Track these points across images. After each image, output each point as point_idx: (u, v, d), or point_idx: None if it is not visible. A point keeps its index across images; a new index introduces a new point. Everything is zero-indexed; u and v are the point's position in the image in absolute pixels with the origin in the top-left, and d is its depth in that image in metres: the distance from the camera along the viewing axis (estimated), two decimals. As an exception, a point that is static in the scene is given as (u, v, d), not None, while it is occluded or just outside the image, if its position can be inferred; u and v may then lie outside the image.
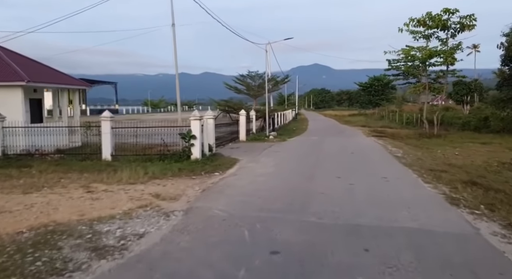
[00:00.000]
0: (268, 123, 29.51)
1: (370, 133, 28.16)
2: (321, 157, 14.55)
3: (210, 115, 14.77)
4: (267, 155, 15.15)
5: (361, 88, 75.19)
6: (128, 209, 7.17)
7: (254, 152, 16.31)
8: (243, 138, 21.72)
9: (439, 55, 25.67)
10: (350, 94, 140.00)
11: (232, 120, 20.78)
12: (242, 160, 13.97)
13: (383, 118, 53.06)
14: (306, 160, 13.61)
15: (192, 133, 12.94)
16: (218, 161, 13.39)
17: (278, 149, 17.33)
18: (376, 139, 22.34)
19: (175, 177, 10.66)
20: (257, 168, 11.96)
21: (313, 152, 16.04)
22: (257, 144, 20.11)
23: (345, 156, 14.88)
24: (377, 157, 14.54)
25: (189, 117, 13.04)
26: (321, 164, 12.74)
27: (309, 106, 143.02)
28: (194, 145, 12.98)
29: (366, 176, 10.36)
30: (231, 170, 11.92)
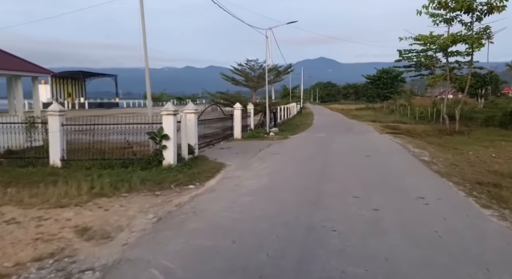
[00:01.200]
0: (269, 118, 26.60)
1: (383, 129, 25.12)
2: (329, 162, 11.62)
3: (191, 109, 11.89)
4: (263, 159, 12.25)
5: (369, 81, 72.15)
6: (14, 265, 4.34)
7: (248, 153, 13.43)
8: (238, 135, 18.84)
9: (464, 40, 22.48)
10: (357, 88, 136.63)
11: (225, 115, 17.92)
12: (230, 165, 11.11)
13: (393, 112, 49.90)
14: (310, 167, 10.70)
15: (163, 131, 10.08)
16: (198, 167, 10.54)
17: (277, 150, 14.42)
18: (392, 137, 19.34)
19: (132, 193, 7.82)
20: (246, 179, 9.07)
21: (319, 155, 13.12)
22: (254, 142, 17.21)
23: (359, 160, 11.94)
24: (401, 163, 11.58)
25: (160, 112, 10.18)
26: (329, 174, 9.82)
27: (314, 100, 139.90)
28: (167, 147, 10.13)
29: (394, 195, 7.44)
30: (211, 181, 9.07)
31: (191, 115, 11.92)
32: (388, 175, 9.51)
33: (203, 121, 14.85)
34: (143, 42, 10.83)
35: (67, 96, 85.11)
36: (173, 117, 10.12)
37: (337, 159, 12.04)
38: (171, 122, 10.11)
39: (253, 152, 13.83)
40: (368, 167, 10.63)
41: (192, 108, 11.89)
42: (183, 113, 11.15)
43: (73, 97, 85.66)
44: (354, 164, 11.20)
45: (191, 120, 11.93)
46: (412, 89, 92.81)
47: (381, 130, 24.23)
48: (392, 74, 67.19)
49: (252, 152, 13.84)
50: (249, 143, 16.82)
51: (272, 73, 27.30)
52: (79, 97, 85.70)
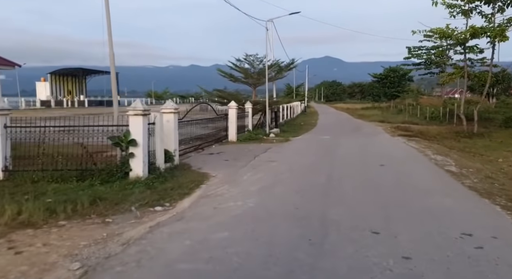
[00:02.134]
0: (270, 117, 24.57)
1: (394, 131, 23.00)
2: (336, 173, 9.57)
3: (170, 108, 9.88)
4: (256, 168, 10.23)
5: (376, 79, 70.12)
6: None
7: (240, 160, 11.41)
8: (233, 137, 16.82)
9: (485, 33, 20.28)
10: (362, 87, 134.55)
11: (218, 115, 15.93)
12: (215, 177, 9.12)
13: (401, 112, 47.67)
14: (312, 181, 8.66)
15: (130, 136, 8.09)
16: (175, 180, 8.55)
17: (275, 157, 12.39)
18: (405, 140, 17.23)
19: (74, 220, 5.86)
20: (229, 199, 7.06)
21: (324, 163, 11.08)
22: (250, 146, 15.18)
23: (372, 171, 9.88)
24: (424, 175, 9.49)
25: (127, 112, 8.17)
26: (336, 191, 7.77)
27: (319, 99, 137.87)
28: (135, 155, 8.13)
29: (428, 229, 5.37)
30: (185, 201, 7.08)
31: (169, 116, 9.91)
32: (413, 194, 7.44)
33: (190, 122, 12.86)
34: (108, 35, 8.82)
35: (67, 93, 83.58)
36: (142, 118, 8.12)
37: (345, 170, 9.98)
38: (140, 124, 8.11)
39: (247, 158, 11.82)
40: (384, 181, 8.56)
41: (170, 107, 9.88)
42: (158, 114, 9.14)
43: (73, 95, 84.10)
44: (367, 177, 9.13)
45: (169, 121, 9.93)
46: (418, 88, 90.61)
47: (392, 132, 22.12)
48: (400, 73, 65.21)
49: (245, 158, 11.82)
50: (244, 147, 14.79)
51: (273, 69, 25.27)
52: (79, 95, 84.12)
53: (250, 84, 24.95)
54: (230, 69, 24.72)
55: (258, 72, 24.37)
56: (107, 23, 8.73)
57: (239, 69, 24.46)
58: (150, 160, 8.85)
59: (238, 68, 24.30)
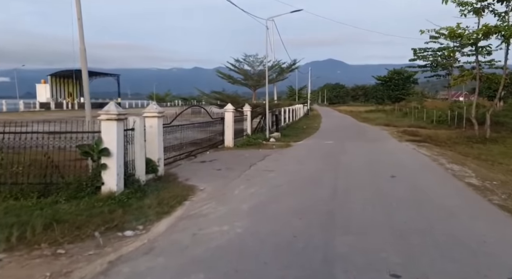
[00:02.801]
0: (270, 121, 23.41)
1: (401, 135, 21.78)
2: (341, 187, 8.38)
3: (153, 111, 8.73)
4: (250, 180, 9.05)
5: (380, 82, 68.93)
6: None
7: (234, 170, 10.24)
8: (229, 143, 15.66)
9: (499, 32, 19.05)
10: (366, 89, 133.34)
11: (212, 118, 14.77)
12: (203, 191, 7.96)
13: (406, 115, 46.44)
14: (313, 198, 7.47)
15: (102, 144, 6.94)
16: (155, 195, 7.39)
17: (273, 165, 11.21)
18: (415, 147, 16.01)
19: (16, 252, 4.73)
20: (213, 222, 5.88)
21: (327, 174, 9.88)
22: (247, 152, 14.02)
23: (382, 185, 8.68)
24: (443, 189, 8.26)
25: (100, 117, 7.02)
26: (343, 213, 6.56)
27: (322, 102, 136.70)
28: (107, 166, 6.98)
29: (464, 271, 4.18)
30: (161, 224, 5.92)
31: (152, 120, 8.76)
32: (434, 215, 6.23)
33: (180, 127, 11.71)
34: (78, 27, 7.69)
35: (68, 95, 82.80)
36: (116, 123, 6.96)
37: (352, 182, 8.77)
38: (114, 131, 6.95)
39: (241, 167, 10.64)
40: (398, 197, 7.35)
41: (154, 111, 8.73)
42: (138, 118, 7.98)
43: (74, 97, 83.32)
44: (377, 191, 7.93)
45: (153, 126, 8.78)
46: (423, 91, 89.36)
47: (399, 137, 20.90)
48: (404, 75, 64.00)
49: (239, 167, 10.65)
50: (240, 154, 13.62)
51: (274, 71, 24.14)
52: (79, 97, 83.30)
53: (250, 86, 23.83)
54: (229, 70, 23.64)
55: (258, 73, 23.23)
56: (77, 14, 7.60)
57: (238, 71, 23.35)
58: (128, 171, 7.70)
59: (237, 69, 23.19)
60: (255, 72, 23.43)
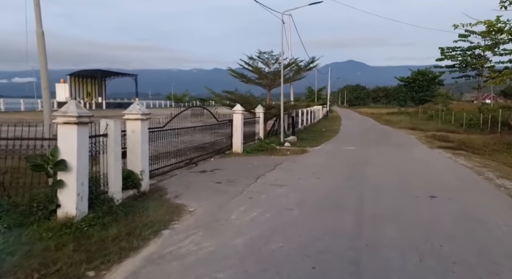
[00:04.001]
0: (286, 123, 21.67)
1: (430, 141, 19.66)
2: (368, 212, 6.56)
3: (135, 113, 7.13)
4: (254, 199, 7.34)
5: (403, 83, 66.21)
6: None
7: (236, 184, 8.56)
8: (238, 148, 13.99)
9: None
10: (387, 91, 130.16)
11: (218, 121, 13.15)
12: (191, 213, 6.32)
13: (432, 118, 43.90)
14: (333, 229, 5.69)
15: (59, 155, 5.38)
16: (129, 220, 5.79)
17: (284, 178, 9.47)
18: (450, 155, 13.98)
19: None
20: (191, 270, 4.21)
21: (350, 192, 8.07)
22: (257, 160, 12.32)
23: (423, 209, 6.82)
24: (504, 219, 6.33)
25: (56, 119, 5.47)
26: (374, 258, 4.76)
27: (342, 103, 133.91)
28: (65, 184, 5.41)
29: None
30: (123, 267, 4.31)
31: (135, 124, 7.17)
32: (507, 267, 4.39)
33: (177, 131, 10.09)
34: (35, 7, 6.16)
35: (86, 95, 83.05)
36: (77, 128, 5.38)
37: (381, 206, 6.94)
38: (74, 138, 5.37)
39: (247, 180, 8.95)
40: (447, 235, 5.45)
41: (136, 112, 7.12)
42: (112, 121, 6.38)
43: (92, 97, 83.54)
44: (416, 220, 6.06)
45: (136, 131, 7.18)
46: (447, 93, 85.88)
47: (429, 142, 18.80)
48: (429, 76, 61.19)
49: (244, 179, 8.96)
50: (249, 161, 11.94)
51: (291, 69, 22.36)
52: (97, 97, 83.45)
53: (264, 86, 22.10)
54: (242, 68, 21.99)
55: (274, 72, 21.48)
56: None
57: (252, 69, 21.67)
58: (97, 188, 6.12)
59: (251, 67, 21.52)
60: (270, 71, 21.69)
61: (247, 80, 22.13)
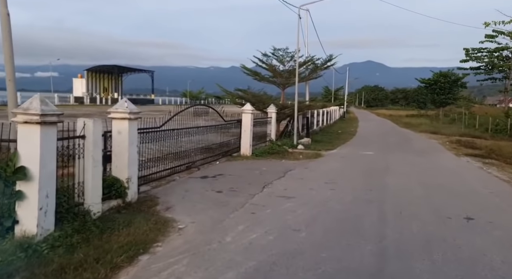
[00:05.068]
0: (300, 124, 20.57)
1: (455, 147, 18.26)
2: (392, 238, 5.45)
3: (122, 111, 6.17)
4: (256, 214, 6.31)
5: (423, 85, 64.09)
6: None
7: (239, 194, 7.54)
8: (246, 150, 12.97)
9: None
10: (407, 93, 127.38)
11: (226, 121, 12.16)
12: (180, 232, 5.35)
13: (453, 122, 42.08)
14: (349, 262, 4.63)
15: (19, 162, 4.47)
16: (104, 240, 4.83)
17: (294, 188, 8.41)
18: (480, 164, 12.66)
19: None
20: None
21: (369, 210, 6.95)
22: (265, 164, 11.29)
23: (459, 236, 5.64)
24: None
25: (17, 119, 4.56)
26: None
27: (359, 104, 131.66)
28: (25, 196, 4.49)
29: None
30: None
31: (122, 124, 6.21)
32: None
33: (177, 132, 9.11)
34: None
35: (103, 90, 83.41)
36: (41, 129, 4.45)
37: (408, 229, 5.80)
38: (36, 141, 4.45)
39: (251, 189, 7.93)
40: (497, 276, 4.34)
41: (123, 110, 6.17)
42: (91, 121, 5.43)
43: (109, 92, 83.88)
44: (453, 256, 4.92)
45: (122, 132, 6.23)
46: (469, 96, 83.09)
47: (454, 149, 17.42)
48: (451, 78, 58.97)
49: (249, 189, 7.94)
50: (256, 166, 10.91)
51: (307, 67, 21.21)
52: (113, 92, 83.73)
53: (278, 84, 21.03)
54: (256, 66, 20.96)
55: (289, 70, 20.38)
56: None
57: (266, 66, 20.63)
58: (70, 200, 5.20)
59: (265, 64, 20.48)
60: (285, 69, 20.60)
61: (260, 78, 21.09)
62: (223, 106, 13.26)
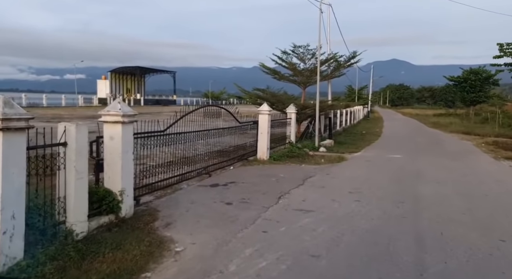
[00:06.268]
0: (324, 125, 19.53)
1: (493, 149, 16.77)
2: (434, 271, 4.44)
3: (114, 113, 5.39)
4: (269, 233, 5.40)
5: (452, 83, 61.52)
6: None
7: (250, 207, 6.65)
8: (263, 154, 12.07)
9: None
10: (433, 91, 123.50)
11: (240, 122, 11.30)
12: (176, 257, 4.49)
13: (486, 121, 39.83)
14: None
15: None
16: (81, 270, 4.05)
17: (313, 200, 7.44)
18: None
19: None
20: None
21: (401, 228, 5.93)
22: (283, 170, 10.36)
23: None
24: None
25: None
26: None
27: (384, 103, 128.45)
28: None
29: None
30: None
31: (114, 128, 5.43)
32: None
33: (184, 136, 8.30)
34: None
35: (126, 91, 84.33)
36: (2, 135, 3.70)
37: (453, 258, 4.77)
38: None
39: (265, 200, 7.03)
40: None
41: (116, 113, 5.37)
42: (71, 124, 4.67)
43: (131, 93, 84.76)
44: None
45: (115, 138, 5.45)
46: (501, 94, 79.49)
47: (492, 151, 15.96)
48: (482, 75, 56.29)
49: (262, 200, 7.04)
50: (273, 172, 9.99)
51: (329, 65, 20.14)
52: (135, 93, 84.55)
53: (299, 83, 20.05)
54: (276, 64, 20.06)
55: (310, 68, 19.36)
56: None
57: (286, 64, 19.68)
58: (45, 220, 4.44)
59: (285, 62, 19.52)
60: (306, 67, 19.59)
61: (280, 77, 20.16)
62: (239, 106, 12.39)
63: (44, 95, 59.04)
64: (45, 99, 56.05)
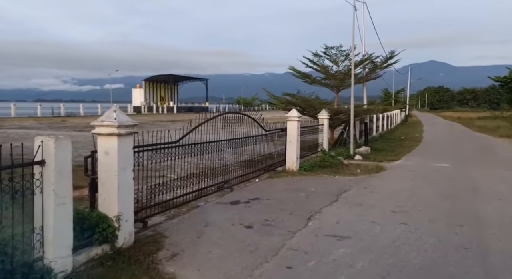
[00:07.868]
0: (358, 131, 18.21)
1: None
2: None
3: (109, 124, 4.54)
4: (294, 269, 4.33)
5: (498, 84, 57.80)
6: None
7: (274, 232, 5.61)
8: (292, 165, 10.98)
9: None
10: (476, 93, 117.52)
11: (266, 130, 10.29)
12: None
13: (541, 125, 36.66)
14: None
15: None
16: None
17: (350, 221, 6.29)
18: None
19: None
20: None
21: (466, 263, 4.69)
22: (314, 183, 9.23)
23: None
24: None
25: None
26: None
27: (422, 106, 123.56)
28: None
29: None
30: None
31: (109, 141, 4.56)
32: None
33: (201, 147, 7.38)
34: None
35: (159, 99, 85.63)
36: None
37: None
38: None
39: (292, 223, 5.96)
40: None
41: (110, 123, 4.51)
42: (50, 138, 3.85)
43: (165, 101, 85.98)
44: None
45: (110, 153, 4.59)
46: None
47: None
48: (533, 75, 52.41)
49: (288, 222, 5.98)
50: (302, 186, 8.89)
51: (364, 67, 18.78)
52: (169, 101, 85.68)
53: (331, 87, 18.83)
54: (306, 67, 18.94)
55: (343, 71, 18.11)
56: None
57: (317, 67, 18.53)
58: (13, 258, 3.60)
59: (316, 65, 18.37)
60: (339, 69, 18.34)
61: (311, 81, 19.02)
62: (271, 112, 11.40)
63: (81, 105, 60.78)
64: (82, 108, 57.66)
